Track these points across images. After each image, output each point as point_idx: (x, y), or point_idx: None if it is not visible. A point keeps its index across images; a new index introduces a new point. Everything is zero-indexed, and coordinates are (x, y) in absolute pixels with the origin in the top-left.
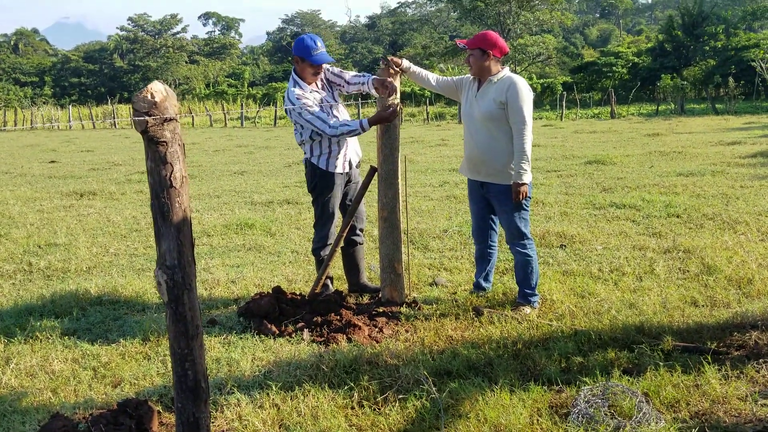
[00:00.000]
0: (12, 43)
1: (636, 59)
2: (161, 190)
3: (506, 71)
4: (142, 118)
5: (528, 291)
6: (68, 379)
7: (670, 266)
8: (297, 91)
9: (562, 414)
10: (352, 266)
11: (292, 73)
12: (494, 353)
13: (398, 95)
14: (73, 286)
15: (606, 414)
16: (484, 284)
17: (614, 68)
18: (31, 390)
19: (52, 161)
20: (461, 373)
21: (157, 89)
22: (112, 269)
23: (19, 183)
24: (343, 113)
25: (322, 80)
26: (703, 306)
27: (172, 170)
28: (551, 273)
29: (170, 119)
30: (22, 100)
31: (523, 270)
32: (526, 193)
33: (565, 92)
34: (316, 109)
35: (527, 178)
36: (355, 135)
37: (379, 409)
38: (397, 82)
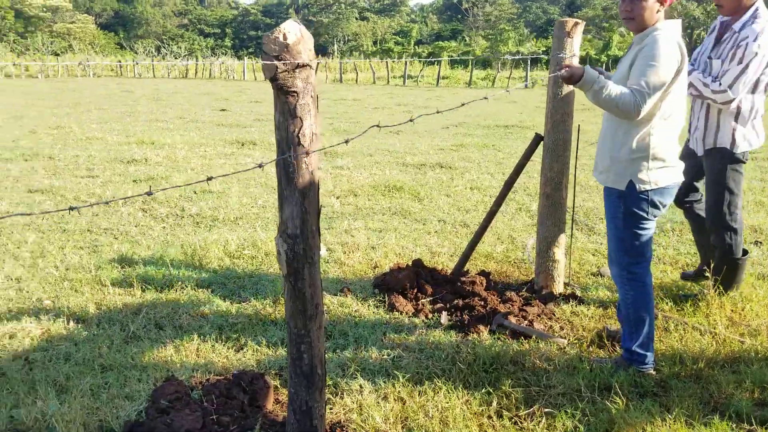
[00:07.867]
0: None
1: None
2: (288, 147)
3: None
4: (271, 62)
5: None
6: (193, 337)
7: None
8: None
9: None
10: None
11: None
12: (669, 371)
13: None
14: (216, 236)
15: None
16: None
17: None
18: (156, 343)
19: (223, 109)
20: (626, 392)
21: (291, 29)
22: (257, 222)
23: (189, 128)
24: None
25: None
26: None
27: (302, 126)
28: (744, 275)
29: (303, 65)
30: (204, 50)
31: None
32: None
33: None
34: None
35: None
36: None
37: (521, 422)
38: None
